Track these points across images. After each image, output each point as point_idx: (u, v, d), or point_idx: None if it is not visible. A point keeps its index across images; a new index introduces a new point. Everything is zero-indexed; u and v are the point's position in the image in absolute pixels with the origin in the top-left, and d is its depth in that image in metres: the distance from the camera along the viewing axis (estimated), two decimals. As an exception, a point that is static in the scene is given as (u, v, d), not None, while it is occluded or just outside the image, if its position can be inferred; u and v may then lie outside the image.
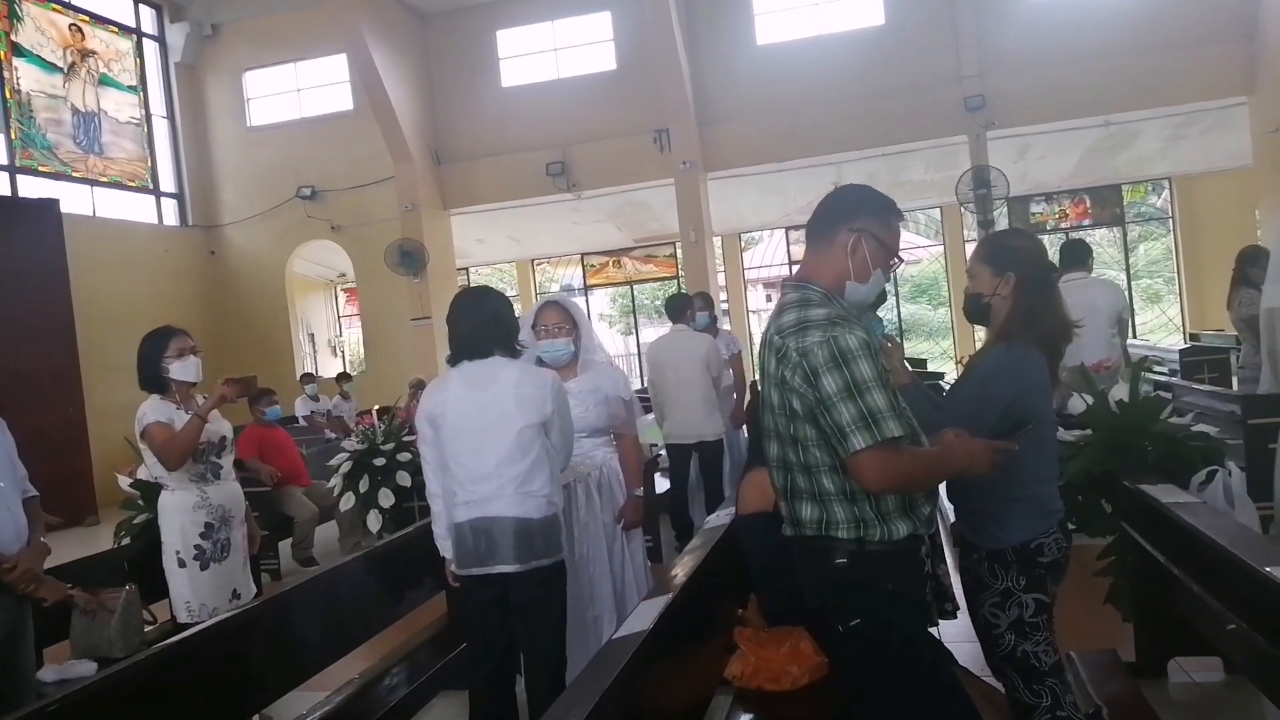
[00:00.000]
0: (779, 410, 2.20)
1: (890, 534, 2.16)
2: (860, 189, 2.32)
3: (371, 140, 13.82)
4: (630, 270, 18.16)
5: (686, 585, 2.81)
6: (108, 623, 3.81)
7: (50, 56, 12.79)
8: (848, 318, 2.15)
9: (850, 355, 2.05)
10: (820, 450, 2.15)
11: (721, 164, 13.33)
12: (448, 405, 3.14)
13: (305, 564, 7.26)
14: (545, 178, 13.65)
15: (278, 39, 14.75)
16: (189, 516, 3.72)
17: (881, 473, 2.05)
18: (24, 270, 10.50)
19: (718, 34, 13.29)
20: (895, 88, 12.50)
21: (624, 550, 3.83)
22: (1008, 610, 2.55)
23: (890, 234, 2.27)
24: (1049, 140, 13.37)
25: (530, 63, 14.22)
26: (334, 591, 3.87)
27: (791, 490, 2.25)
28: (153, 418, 3.64)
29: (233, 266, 15.21)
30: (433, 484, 3.27)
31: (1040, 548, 2.53)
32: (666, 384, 6.40)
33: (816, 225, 2.31)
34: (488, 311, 3.18)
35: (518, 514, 3.09)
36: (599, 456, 3.82)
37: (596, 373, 3.83)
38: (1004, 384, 2.54)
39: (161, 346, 3.74)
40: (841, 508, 2.16)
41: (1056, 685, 2.54)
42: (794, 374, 2.11)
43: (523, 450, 3.10)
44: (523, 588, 3.11)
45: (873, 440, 2.02)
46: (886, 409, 2.04)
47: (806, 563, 2.28)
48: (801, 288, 2.25)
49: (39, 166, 12.44)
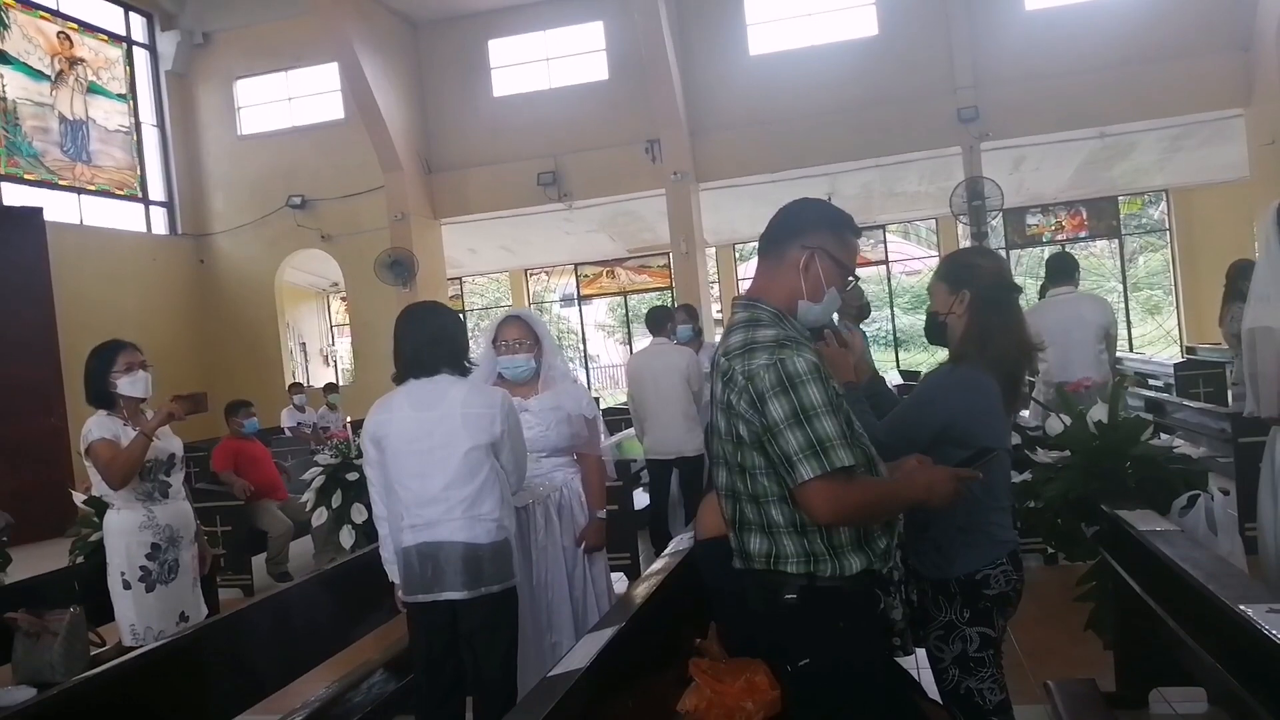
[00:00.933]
0: (725, 436, 2.08)
1: (843, 569, 2.03)
2: (814, 203, 2.20)
3: (362, 149, 13.73)
4: (624, 280, 18.08)
5: (640, 613, 2.68)
6: (51, 646, 3.70)
7: (37, 64, 12.71)
8: (797, 339, 2.03)
9: (798, 379, 1.93)
10: (768, 479, 2.02)
11: (714, 175, 13.24)
12: (392, 425, 3.02)
13: (280, 579, 7.13)
14: (537, 187, 13.56)
15: (269, 48, 14.68)
16: (135, 537, 3.60)
17: (831, 504, 1.93)
18: (6, 279, 10.41)
19: (710, 44, 13.21)
20: (889, 98, 12.41)
21: (585, 574, 3.70)
22: (951, 644, 2.44)
23: (846, 251, 2.15)
24: (1044, 152, 13.30)
25: (522, 72, 14.15)
26: (286, 613, 3.74)
27: (740, 521, 2.13)
28: (98, 434, 3.53)
29: (222, 275, 15.11)
30: (379, 506, 3.15)
31: (986, 580, 2.41)
32: (646, 398, 6.28)
33: (768, 241, 2.19)
34: (434, 327, 3.06)
35: (466, 539, 2.97)
36: (559, 478, 3.68)
37: (559, 390, 3.70)
38: (942, 405, 2.44)
39: (109, 360, 3.62)
40: (791, 541, 2.04)
41: None
42: (740, 398, 1.99)
43: (471, 472, 2.98)
44: (471, 615, 2.99)
45: (821, 470, 1.90)
46: (837, 436, 1.92)
47: (755, 598, 2.16)
48: (751, 306, 2.13)
49: (25, 174, 12.35)
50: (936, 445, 2.37)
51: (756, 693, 2.60)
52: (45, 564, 5.53)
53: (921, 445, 2.40)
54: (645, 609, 2.73)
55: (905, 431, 2.44)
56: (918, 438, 2.42)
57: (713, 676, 2.75)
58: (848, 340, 2.60)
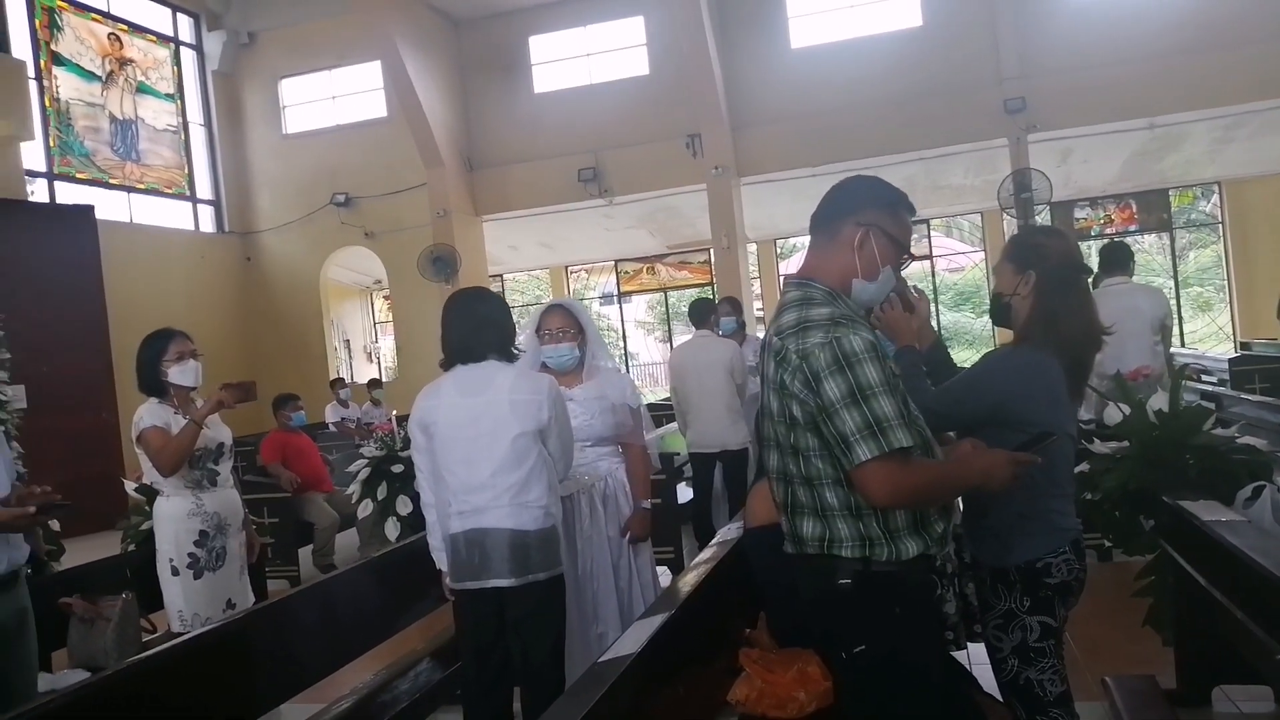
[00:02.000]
0: (778, 418, 2.04)
1: (899, 553, 1.98)
2: (868, 180, 2.15)
3: (405, 147, 13.81)
4: (664, 277, 18.02)
5: (688, 602, 2.64)
6: (104, 631, 3.74)
7: (89, 65, 12.94)
8: (853, 318, 1.98)
9: (855, 358, 1.88)
10: (823, 461, 1.98)
11: (755, 169, 13.15)
12: (440, 412, 3.01)
13: (325, 570, 7.18)
14: (577, 183, 13.56)
15: (313, 47, 14.82)
16: (183, 524, 3.63)
17: (889, 486, 1.88)
18: (59, 276, 10.61)
19: (751, 38, 13.13)
20: (933, 90, 12.24)
21: (630, 565, 3.67)
22: (1010, 633, 2.38)
23: (901, 228, 2.10)
24: (1092, 143, 13.02)
25: (562, 68, 14.16)
26: (332, 601, 3.75)
27: (792, 504, 2.08)
28: (149, 422, 3.57)
29: (268, 273, 15.30)
30: (426, 494, 3.15)
31: (1048, 568, 2.34)
32: (689, 391, 6.23)
33: (821, 218, 2.14)
34: (482, 314, 3.05)
35: (513, 526, 2.95)
36: (604, 467, 3.66)
37: (602, 379, 3.67)
38: (999, 383, 2.38)
39: (160, 350, 3.66)
40: (845, 524, 1.99)
41: (1062, 717, 2.35)
42: (793, 378, 1.95)
43: (518, 459, 2.96)
44: (518, 603, 2.97)
45: (879, 451, 1.85)
46: (895, 416, 1.87)
47: (808, 583, 2.11)
48: (803, 285, 2.08)
49: (76, 174, 12.58)
50: (989, 426, 2.31)
51: (809, 683, 2.56)
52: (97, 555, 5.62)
53: (971, 420, 2.36)
54: (694, 598, 2.70)
55: (956, 404, 2.41)
56: (968, 412, 2.38)
57: (763, 666, 2.71)
58: (913, 303, 2.56)
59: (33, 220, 10.75)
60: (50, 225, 10.96)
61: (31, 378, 9.40)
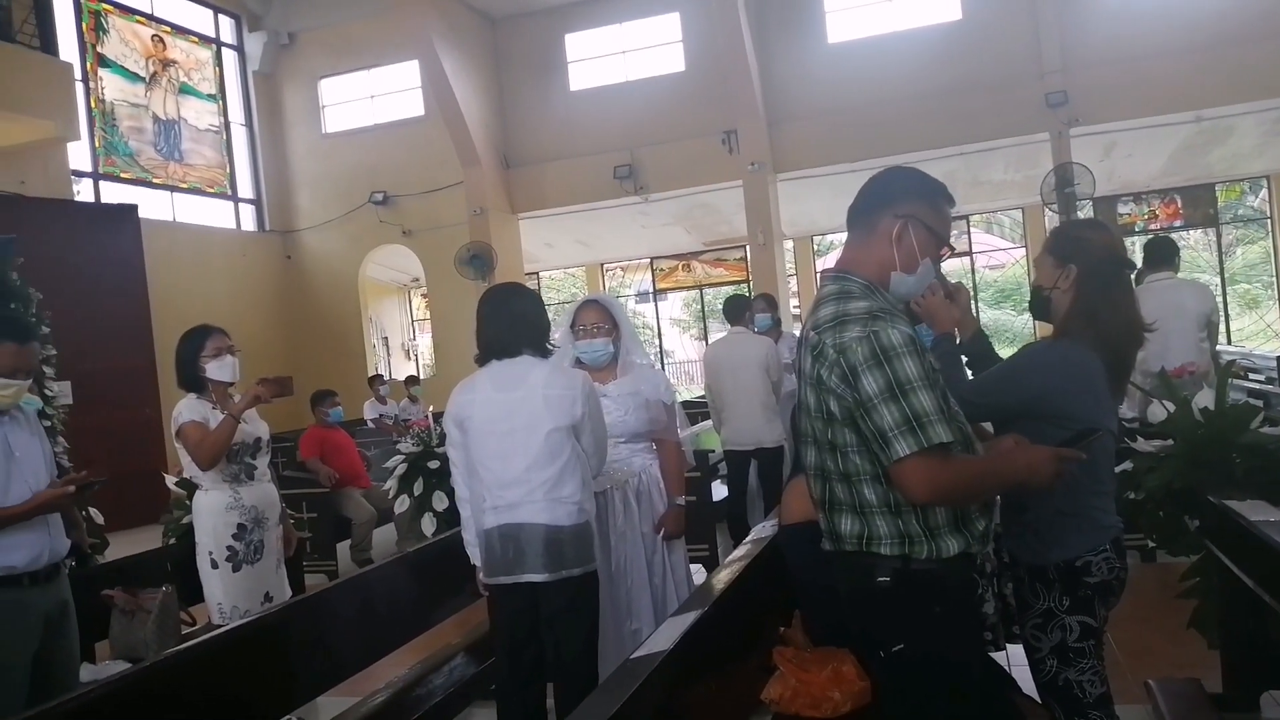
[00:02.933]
0: (815, 413, 2.01)
1: (939, 551, 1.95)
2: (907, 171, 2.12)
3: (442, 145, 13.89)
4: (700, 274, 17.97)
5: (722, 599, 2.62)
6: (145, 624, 3.80)
7: (133, 66, 13.16)
8: (891, 311, 1.95)
9: (893, 352, 1.85)
10: (860, 457, 1.95)
11: (791, 165, 13.07)
12: (475, 407, 3.02)
13: (363, 565, 7.24)
14: (613, 181, 13.55)
15: (352, 46, 14.96)
16: (221, 517, 3.67)
17: (928, 483, 1.85)
18: (104, 274, 10.78)
19: (788, 33, 13.05)
20: (973, 84, 12.08)
21: (665, 561, 3.66)
22: (1050, 633, 2.33)
23: (940, 220, 2.07)
24: (1136, 137, 12.79)
25: (598, 66, 14.17)
26: (369, 594, 3.78)
27: (830, 501, 2.06)
28: (187, 417, 3.61)
29: (308, 271, 15.46)
30: (461, 489, 3.16)
31: (1087, 567, 2.30)
32: (724, 388, 6.21)
33: (859, 210, 2.11)
34: (516, 309, 3.05)
35: (547, 521, 2.95)
36: (638, 463, 3.65)
37: (637, 375, 3.66)
38: (1037, 376, 2.34)
39: (198, 345, 3.70)
40: (884, 521, 1.96)
41: (1101, 719, 2.30)
42: (831, 373, 1.92)
43: (552, 454, 2.96)
44: (552, 598, 2.97)
45: (918, 446, 1.82)
46: (934, 411, 1.84)
47: (846, 581, 2.08)
48: (841, 278, 2.05)
49: (121, 173, 12.81)
50: (1027, 419, 2.28)
51: (844, 683, 2.53)
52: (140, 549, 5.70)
53: (1007, 412, 2.34)
54: (728, 595, 2.68)
55: (993, 395, 2.38)
56: (1005, 403, 2.35)
57: (798, 665, 2.69)
58: (953, 292, 2.52)
59: (78, 219, 10.95)
60: (95, 224, 11.16)
61: (77, 374, 9.57)
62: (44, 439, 3.18)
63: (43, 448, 3.14)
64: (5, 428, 3.01)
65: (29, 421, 3.14)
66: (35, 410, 3.26)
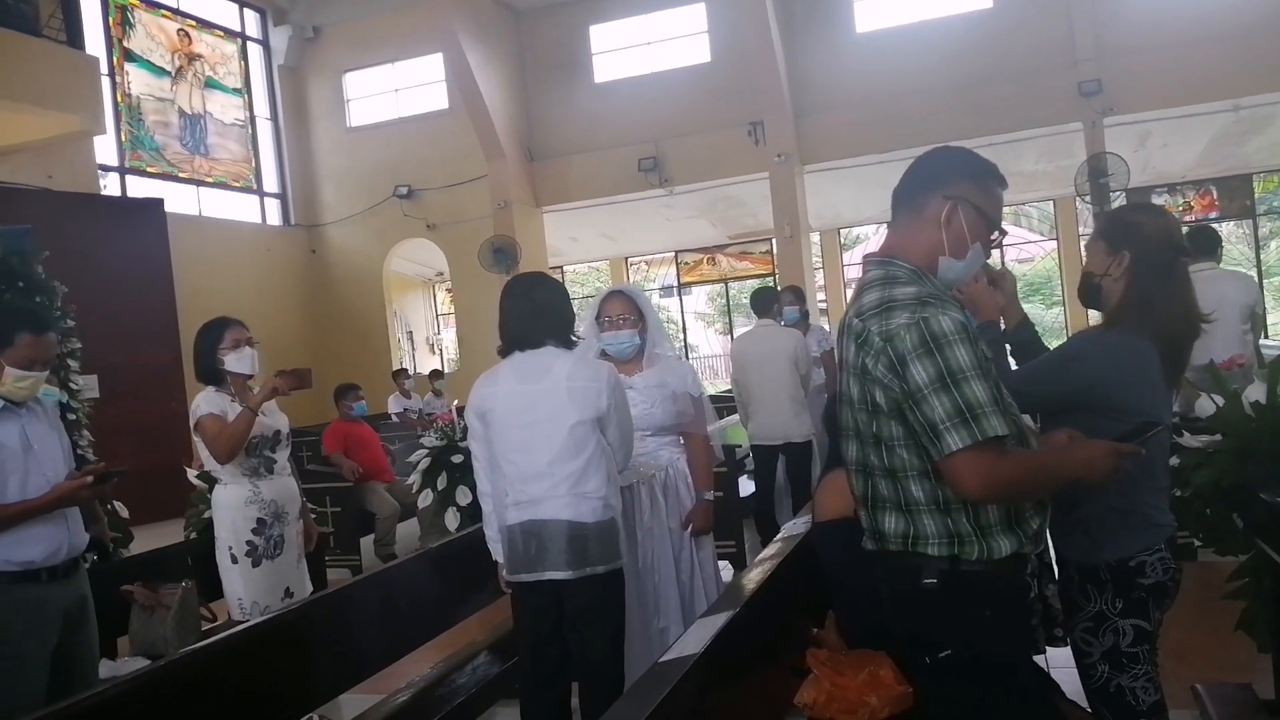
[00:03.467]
0: (859, 404, 1.90)
1: (990, 551, 1.83)
2: (956, 151, 2.01)
3: (466, 139, 13.86)
4: (725, 268, 17.84)
5: (753, 600, 2.53)
6: (164, 619, 3.74)
7: (159, 61, 13.20)
8: (941, 297, 1.84)
9: (944, 339, 1.74)
10: (908, 451, 1.84)
11: (818, 156, 12.92)
12: (497, 399, 2.94)
13: (387, 560, 7.19)
14: (638, 173, 13.47)
15: (376, 40, 14.95)
16: (240, 512, 3.61)
17: (982, 478, 1.74)
18: (130, 268, 10.81)
19: (815, 23, 12.89)
20: (1004, 73, 11.88)
21: (693, 557, 3.56)
22: (1101, 637, 2.23)
23: (992, 202, 1.95)
24: (1172, 127, 12.54)
25: (623, 57, 14.08)
26: (391, 591, 3.71)
27: (873, 498, 1.95)
28: (205, 410, 3.55)
29: (333, 265, 15.47)
30: (483, 483, 3.07)
31: (1141, 567, 2.19)
32: (751, 382, 6.10)
33: (905, 192, 2.00)
34: (539, 298, 2.96)
35: (571, 517, 2.86)
36: (665, 457, 3.55)
37: (663, 367, 3.57)
38: (1089, 366, 2.22)
39: (216, 338, 3.65)
40: (932, 520, 1.85)
41: None
42: (876, 362, 1.81)
43: (576, 448, 2.87)
44: (576, 597, 2.88)
45: (972, 439, 1.71)
46: (988, 402, 1.73)
47: (890, 582, 1.97)
48: (886, 263, 1.94)
49: (147, 167, 12.85)
50: (1078, 412, 2.16)
51: (881, 687, 2.42)
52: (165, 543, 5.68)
53: (1057, 403, 2.23)
54: (759, 595, 2.58)
55: (1042, 385, 2.26)
56: (1054, 394, 2.24)
57: (832, 669, 2.58)
58: (998, 278, 2.41)
59: (105, 213, 10.99)
60: (121, 218, 11.20)
61: (103, 368, 9.60)
62: (62, 432, 3.13)
63: (61, 441, 3.09)
64: (23, 420, 2.95)
65: (47, 414, 3.09)
66: (55, 402, 3.21)
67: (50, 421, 3.09)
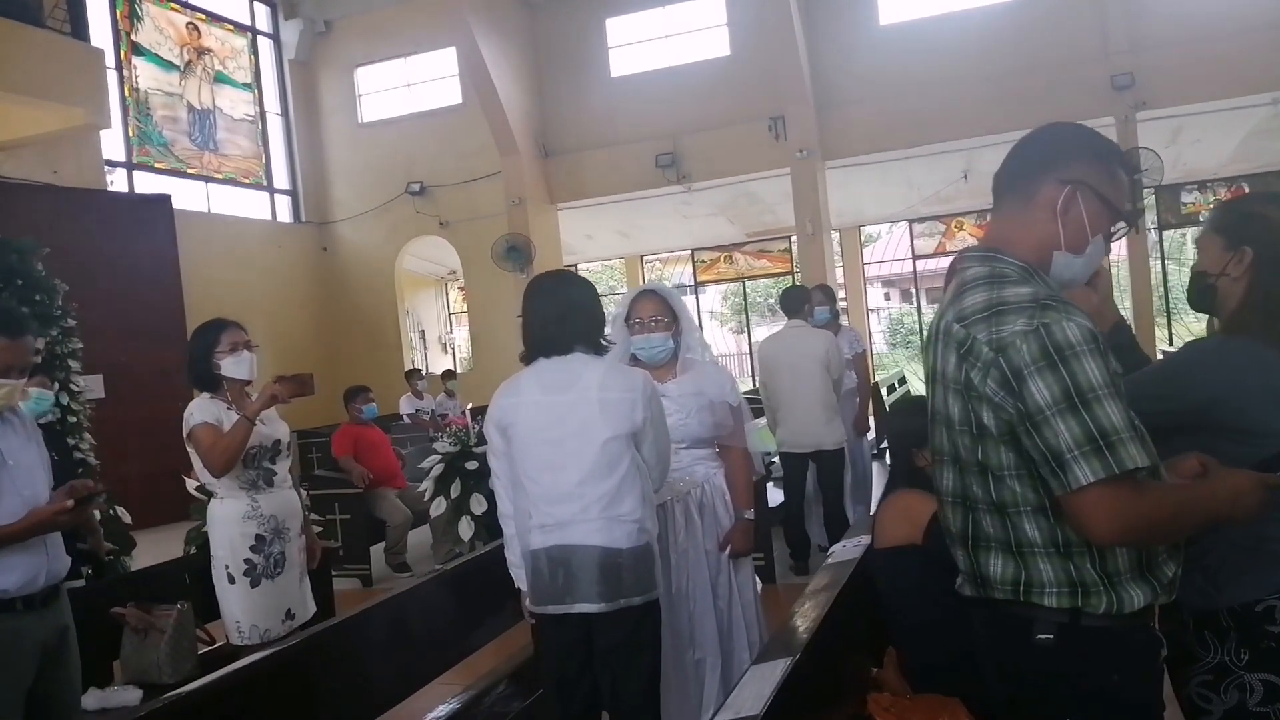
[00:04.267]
0: (960, 426, 1.60)
1: (1119, 604, 1.53)
2: (1074, 128, 1.71)
3: (480, 134, 13.58)
4: (742, 266, 17.50)
5: (811, 646, 2.22)
6: (157, 644, 3.47)
7: (168, 55, 12.95)
8: (1063, 299, 1.53)
9: (1070, 350, 1.45)
10: (1020, 483, 1.54)
11: (841, 152, 12.57)
12: (520, 411, 2.63)
13: (398, 569, 6.93)
14: (654, 169, 13.15)
15: (388, 34, 14.67)
16: (238, 528, 3.32)
17: (1117, 518, 1.44)
18: (137, 266, 10.59)
19: (838, 14, 12.55)
20: (1033, 66, 11.51)
21: (731, 582, 3.26)
22: (1224, 693, 1.92)
23: (1116, 189, 1.65)
24: (1206, 121, 12.15)
25: (640, 51, 13.75)
26: (403, 617, 3.42)
27: (974, 536, 1.65)
28: (199, 418, 3.27)
29: (344, 263, 15.21)
30: (504, 503, 2.76)
31: (1270, 612, 1.87)
32: (781, 386, 5.80)
33: (1012, 174, 1.70)
34: (566, 300, 2.65)
35: (603, 543, 2.55)
36: (701, 472, 3.25)
37: (699, 373, 3.27)
38: (1212, 376, 1.90)
39: (212, 341, 3.36)
40: (1050, 565, 1.55)
41: None
42: (985, 376, 1.52)
43: (609, 466, 2.56)
44: (608, 631, 2.58)
45: (1106, 472, 1.41)
46: (1125, 427, 1.43)
47: (995, 637, 1.67)
48: (991, 258, 1.64)
49: (155, 163, 12.59)
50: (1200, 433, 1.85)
51: (959, 741, 2.14)
52: (170, 549, 5.43)
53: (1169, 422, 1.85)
54: (817, 637, 2.27)
55: (1152, 401, 1.89)
56: (1168, 411, 1.90)
57: (897, 716, 2.30)
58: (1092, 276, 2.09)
59: (111, 210, 10.76)
60: (128, 215, 10.96)
61: (109, 367, 9.38)
62: (42, 445, 2.84)
63: (40, 454, 2.80)
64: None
65: (25, 426, 2.80)
66: (45, 411, 2.92)
67: (29, 433, 2.80)
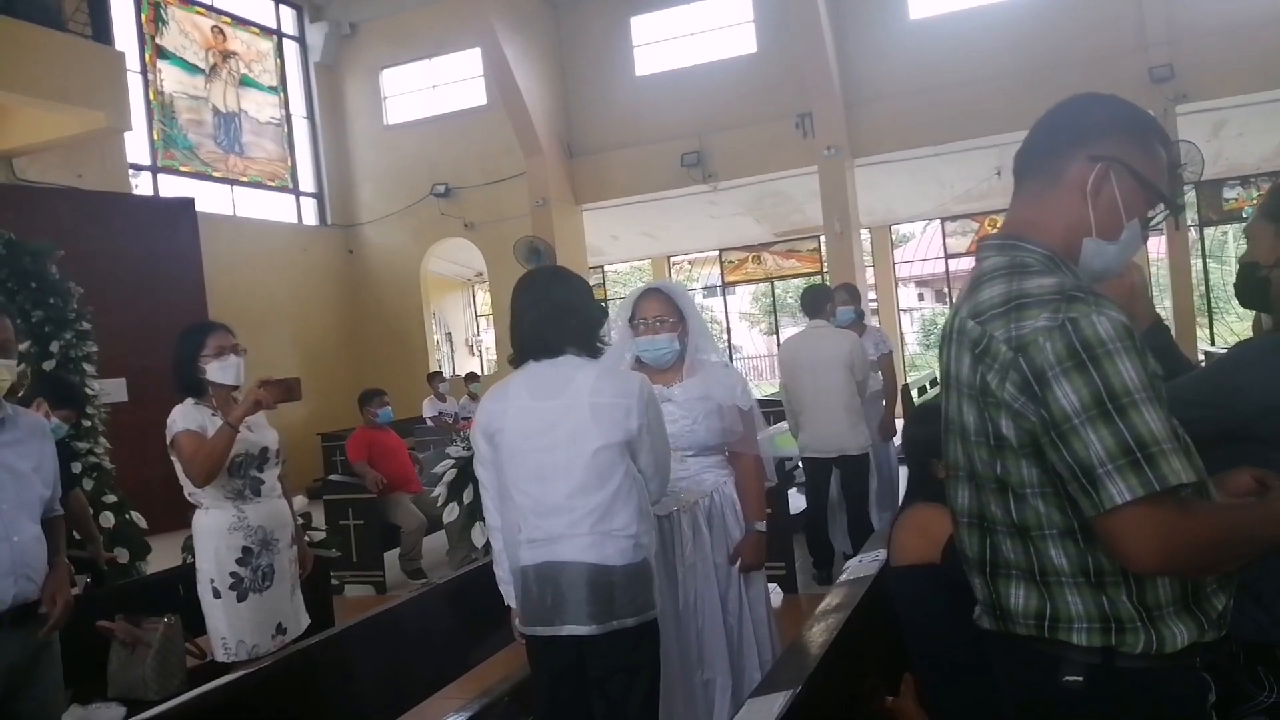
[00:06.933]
0: (976, 437, 1.40)
1: (1159, 642, 1.32)
2: (1105, 99, 1.48)
3: (504, 135, 13.47)
4: (771, 266, 17.26)
5: (816, 673, 2.04)
6: (144, 659, 3.34)
7: (193, 58, 12.95)
8: (1091, 292, 1.32)
9: (1102, 349, 1.24)
10: (1045, 502, 1.34)
11: (870, 149, 12.31)
12: (507, 417, 2.46)
13: (413, 576, 6.80)
14: (680, 169, 12.96)
15: (413, 35, 14.62)
16: (223, 540, 3.17)
17: (1159, 543, 1.23)
18: (160, 269, 10.55)
19: (866, 9, 12.30)
20: (1068, 59, 11.18)
21: (742, 597, 3.07)
22: None
23: (1155, 167, 1.44)
24: (1249, 115, 11.78)
25: (665, 49, 13.58)
26: (397, 633, 3.27)
27: (993, 562, 1.44)
28: (181, 425, 3.12)
29: (370, 265, 15.17)
30: (492, 515, 2.59)
31: None
32: (803, 388, 5.59)
33: (1035, 151, 1.49)
34: (558, 297, 2.47)
35: (594, 560, 2.38)
36: (709, 481, 3.06)
37: (707, 375, 3.07)
38: (1260, 382, 1.69)
39: (198, 344, 3.23)
40: (1079, 596, 1.35)
41: None
42: (1003, 379, 1.32)
43: (601, 477, 2.39)
44: (600, 655, 2.41)
45: (1145, 489, 1.21)
46: (1166, 438, 1.22)
47: (1016, 677, 1.46)
48: (1011, 246, 1.44)
49: (180, 167, 12.60)
50: (1241, 444, 1.65)
51: (980, 783, 1.94)
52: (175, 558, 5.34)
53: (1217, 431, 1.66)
54: (826, 662, 2.08)
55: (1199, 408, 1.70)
56: (1208, 420, 1.68)
57: (912, 752, 2.11)
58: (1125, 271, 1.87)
59: (134, 213, 10.73)
60: (152, 218, 10.92)
61: (132, 371, 9.34)
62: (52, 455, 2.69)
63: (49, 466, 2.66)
64: None
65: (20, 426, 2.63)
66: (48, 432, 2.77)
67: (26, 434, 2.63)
